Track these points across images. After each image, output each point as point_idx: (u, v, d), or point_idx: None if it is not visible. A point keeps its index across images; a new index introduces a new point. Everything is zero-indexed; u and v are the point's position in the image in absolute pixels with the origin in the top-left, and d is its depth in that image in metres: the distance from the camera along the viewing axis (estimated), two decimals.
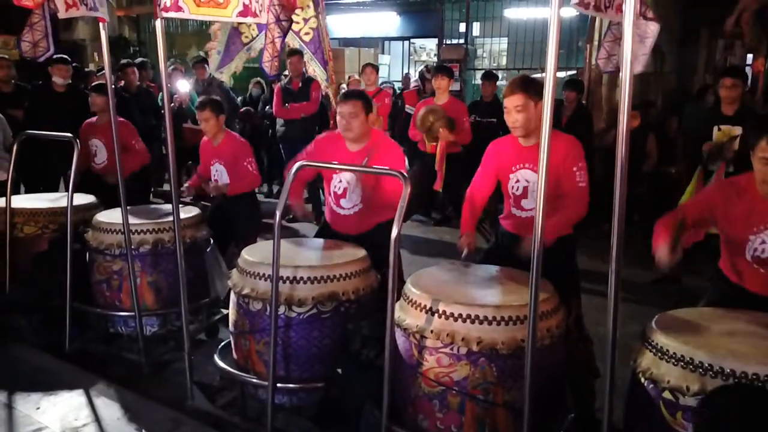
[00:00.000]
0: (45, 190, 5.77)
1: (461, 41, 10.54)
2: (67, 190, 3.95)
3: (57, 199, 4.37)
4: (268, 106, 7.84)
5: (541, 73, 8.63)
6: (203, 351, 3.64)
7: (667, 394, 2.06)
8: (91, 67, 10.46)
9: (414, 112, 6.64)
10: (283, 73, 7.39)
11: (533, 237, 2.07)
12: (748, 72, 8.08)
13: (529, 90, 2.86)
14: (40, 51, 3.62)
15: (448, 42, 10.79)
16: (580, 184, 2.87)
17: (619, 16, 2.69)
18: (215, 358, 3.24)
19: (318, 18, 3.19)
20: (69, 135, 3.87)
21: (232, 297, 3.14)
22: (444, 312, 2.39)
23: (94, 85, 5.42)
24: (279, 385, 2.88)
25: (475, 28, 10.99)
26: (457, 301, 2.40)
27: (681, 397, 2.02)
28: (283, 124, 7.08)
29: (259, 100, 8.43)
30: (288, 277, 2.87)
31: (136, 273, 3.61)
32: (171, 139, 3.03)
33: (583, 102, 7.25)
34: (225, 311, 3.78)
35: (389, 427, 2.47)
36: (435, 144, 6.17)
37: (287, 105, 6.89)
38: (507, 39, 10.82)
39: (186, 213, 3.90)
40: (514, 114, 2.90)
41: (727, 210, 2.65)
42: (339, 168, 3.46)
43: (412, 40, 13.47)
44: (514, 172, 3.03)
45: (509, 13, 10.48)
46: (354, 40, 12.56)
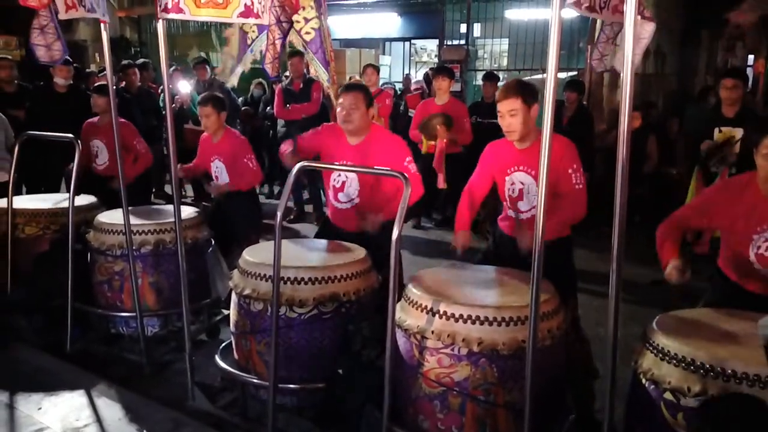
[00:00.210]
0: (46, 191, 5.78)
1: (462, 42, 10.53)
2: (68, 191, 3.96)
3: (58, 200, 4.38)
4: (269, 107, 7.84)
5: (542, 74, 8.64)
6: (204, 351, 3.64)
7: (668, 395, 2.06)
8: (93, 68, 10.45)
9: (414, 114, 6.65)
10: (284, 74, 7.39)
11: (534, 237, 2.07)
12: (749, 73, 8.08)
13: (522, 94, 2.86)
14: (56, 54, 3.62)
15: (449, 43, 10.78)
16: (577, 186, 2.87)
17: (615, 16, 2.69)
18: (216, 358, 3.24)
19: (320, 18, 3.19)
20: (70, 135, 3.88)
21: (233, 297, 3.14)
22: (445, 312, 2.39)
23: (96, 86, 5.42)
24: (280, 385, 2.87)
25: (476, 29, 10.98)
26: (457, 302, 2.41)
27: (682, 398, 2.02)
28: (284, 125, 7.09)
29: (260, 100, 8.43)
30: (289, 278, 2.87)
31: (137, 273, 3.61)
32: (172, 140, 3.04)
33: (584, 103, 7.25)
34: (226, 312, 3.78)
35: (390, 427, 2.47)
36: (433, 144, 6.17)
37: (288, 106, 6.90)
38: (508, 40, 10.81)
39: (187, 214, 3.91)
40: (508, 118, 2.90)
41: (729, 209, 2.65)
42: (340, 169, 3.46)
43: (412, 41, 13.47)
44: (509, 175, 3.03)
45: (510, 14, 10.48)
46: (355, 41, 12.56)
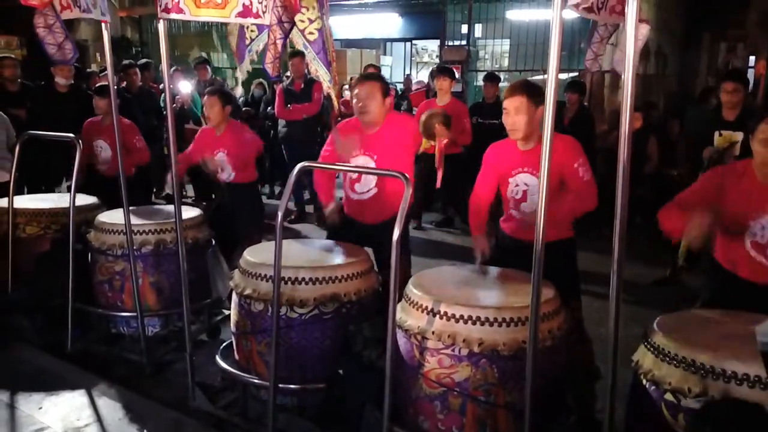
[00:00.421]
0: (47, 190, 5.79)
1: (463, 42, 10.52)
2: (69, 191, 3.96)
3: (59, 200, 4.38)
4: (270, 107, 7.84)
5: (543, 75, 8.63)
6: (205, 352, 3.65)
7: (668, 396, 2.06)
8: (94, 68, 10.46)
9: (416, 113, 6.64)
10: (285, 75, 7.39)
11: (535, 238, 2.07)
12: (750, 74, 8.08)
13: (529, 93, 2.84)
14: (68, 53, 3.61)
15: (450, 43, 10.78)
16: (584, 178, 2.83)
17: (611, 17, 2.71)
18: (217, 358, 3.25)
19: (322, 19, 3.18)
20: (71, 135, 3.88)
21: (234, 298, 3.14)
22: (445, 313, 2.39)
23: (96, 87, 5.43)
24: (280, 385, 2.88)
25: (478, 30, 10.98)
26: (458, 303, 2.40)
27: (682, 399, 2.02)
28: (285, 125, 7.10)
29: (261, 101, 8.43)
30: (290, 278, 2.88)
31: (138, 273, 3.61)
32: (173, 140, 3.05)
33: (585, 104, 7.25)
34: (227, 312, 3.79)
35: (390, 428, 2.47)
36: (433, 144, 6.15)
37: (289, 106, 6.90)
38: (509, 40, 10.80)
39: (188, 214, 3.91)
40: (513, 116, 2.88)
41: (726, 196, 2.65)
42: (341, 169, 3.45)
43: (414, 42, 13.48)
44: (513, 176, 3.00)
45: (511, 15, 10.47)
46: (356, 41, 12.57)
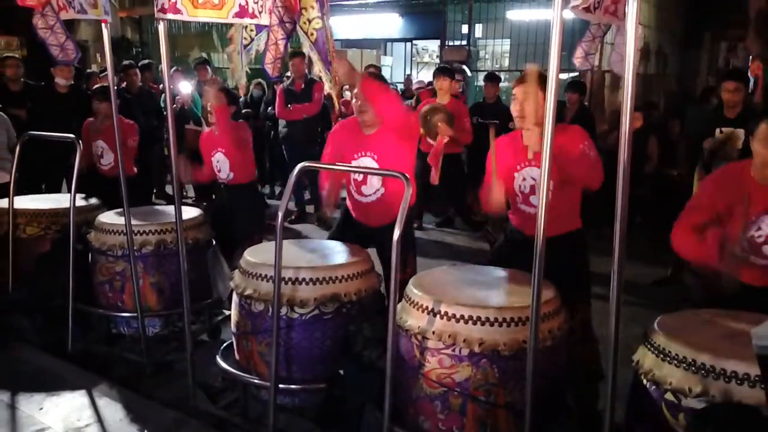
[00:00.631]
0: (47, 190, 5.78)
1: (464, 43, 10.53)
2: (69, 191, 3.96)
3: (59, 200, 4.38)
4: (270, 108, 7.84)
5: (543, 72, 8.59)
6: (205, 352, 3.64)
7: (669, 396, 2.06)
8: (94, 69, 10.46)
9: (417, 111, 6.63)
10: (286, 75, 7.40)
11: (536, 237, 2.07)
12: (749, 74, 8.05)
13: (539, 81, 2.81)
14: (71, 53, 3.62)
15: (451, 43, 10.78)
16: (591, 158, 2.77)
17: (605, 17, 2.72)
18: (217, 358, 3.24)
19: (322, 19, 3.19)
20: (71, 136, 3.88)
21: (235, 298, 3.14)
22: (446, 313, 2.39)
23: (95, 88, 5.42)
24: (281, 385, 2.88)
25: (478, 30, 10.98)
26: (458, 303, 2.40)
27: (683, 399, 2.02)
28: (286, 125, 7.10)
29: (261, 101, 8.44)
30: (290, 278, 2.88)
31: (138, 274, 3.61)
32: (173, 141, 3.04)
33: (586, 103, 7.24)
34: (227, 312, 3.79)
35: (391, 428, 2.47)
36: (432, 142, 6.14)
37: (290, 106, 6.90)
38: (510, 40, 10.80)
39: (188, 214, 3.91)
40: (521, 102, 2.86)
41: (725, 198, 2.65)
42: (343, 170, 3.44)
43: (414, 42, 13.47)
44: (519, 171, 2.98)
45: (512, 15, 10.47)
46: (356, 42, 12.56)
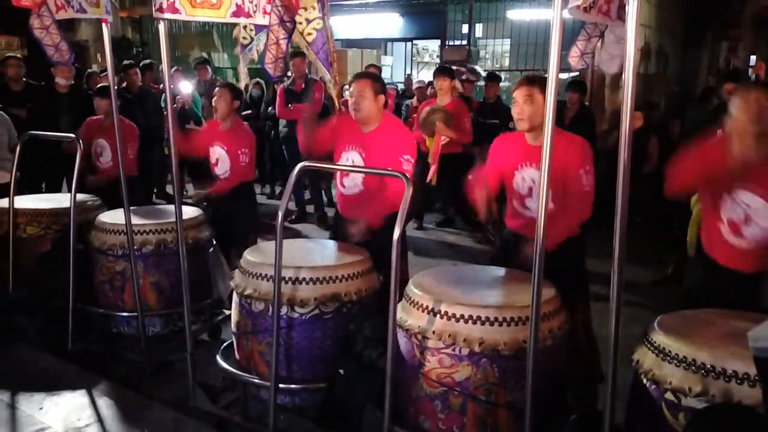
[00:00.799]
0: (47, 190, 5.79)
1: (464, 42, 10.53)
2: (69, 191, 3.96)
3: (60, 200, 4.38)
4: (270, 107, 7.84)
5: (544, 74, 8.60)
6: (205, 351, 3.64)
7: (669, 395, 2.06)
8: (94, 68, 10.46)
9: (417, 112, 6.63)
10: (287, 74, 7.39)
11: (535, 237, 2.07)
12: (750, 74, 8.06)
13: (539, 84, 2.88)
14: (65, 54, 3.62)
15: (451, 43, 10.78)
16: (585, 188, 2.86)
17: (598, 17, 2.75)
18: (217, 358, 3.24)
19: (323, 19, 3.19)
20: (72, 135, 3.88)
21: (235, 297, 3.14)
22: (446, 313, 2.39)
23: (97, 88, 5.43)
24: (281, 385, 2.88)
25: (478, 30, 10.99)
26: (459, 302, 2.40)
27: (683, 398, 2.02)
28: (286, 125, 7.09)
29: (261, 101, 8.43)
30: (290, 278, 2.88)
31: (138, 273, 3.61)
32: (173, 140, 3.04)
33: (586, 103, 7.24)
34: (227, 312, 3.79)
35: (391, 427, 2.47)
36: (433, 140, 6.14)
37: (290, 106, 6.90)
38: (510, 40, 10.82)
39: (188, 214, 3.91)
40: (521, 104, 2.90)
41: (703, 170, 2.66)
42: (340, 168, 3.45)
43: (414, 42, 13.48)
44: (519, 170, 3.00)
45: (512, 15, 10.48)
46: (357, 42, 12.56)
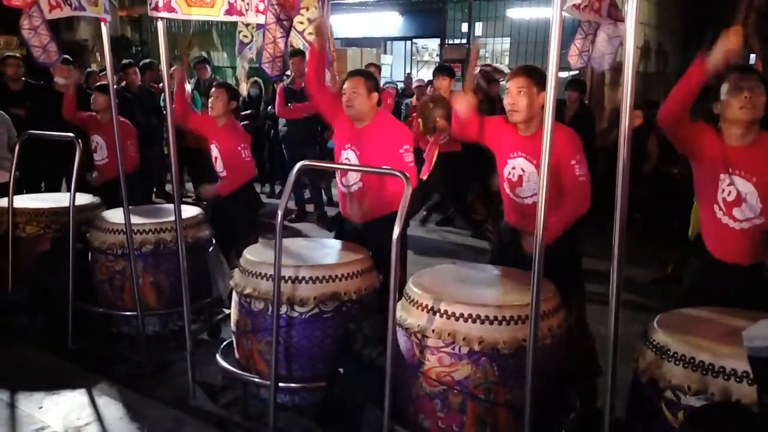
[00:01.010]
0: (46, 189, 5.78)
1: (464, 41, 10.53)
2: (68, 190, 3.95)
3: (59, 199, 4.37)
4: (270, 106, 7.84)
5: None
6: (205, 350, 3.64)
7: (668, 394, 2.06)
8: (94, 68, 10.45)
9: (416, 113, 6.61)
10: (286, 73, 7.39)
11: (534, 235, 2.06)
12: None
13: (533, 75, 2.83)
14: (53, 56, 3.59)
15: (451, 42, 10.78)
16: (579, 177, 2.81)
17: (590, 15, 2.78)
18: (217, 357, 3.24)
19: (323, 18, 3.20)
20: (71, 135, 3.88)
21: (234, 297, 3.14)
22: (445, 311, 2.39)
23: (98, 85, 5.43)
24: (281, 384, 2.88)
25: (478, 28, 10.98)
26: (458, 301, 2.40)
27: (682, 397, 2.02)
28: (286, 124, 7.09)
29: (259, 100, 8.43)
30: (290, 277, 2.88)
31: (138, 273, 3.61)
32: (173, 140, 3.05)
33: (586, 102, 7.24)
34: (227, 311, 3.79)
35: (391, 426, 2.47)
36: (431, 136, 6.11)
37: (290, 105, 6.89)
38: (509, 39, 10.81)
39: (188, 213, 3.91)
40: (515, 96, 2.84)
41: (699, 149, 2.64)
42: (339, 168, 3.45)
43: (414, 40, 13.47)
44: (511, 158, 2.97)
45: (512, 13, 10.47)
46: (356, 40, 12.56)
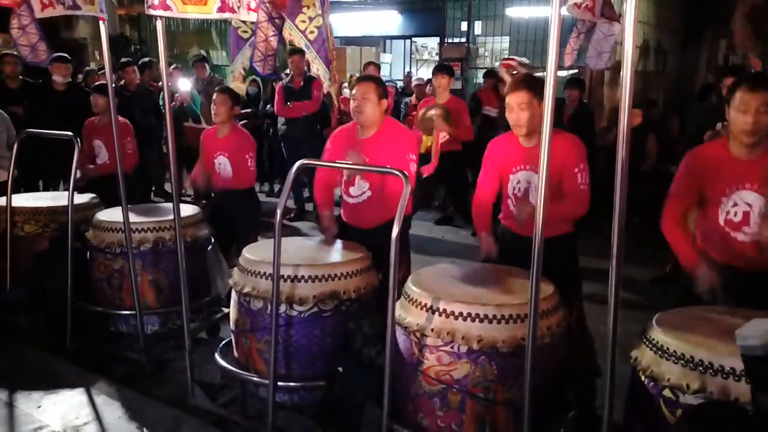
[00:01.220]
0: (45, 188, 5.78)
1: (463, 40, 10.53)
2: (66, 189, 3.95)
3: (57, 198, 4.37)
4: (269, 105, 7.84)
5: (542, 72, 8.60)
6: (204, 349, 3.64)
7: (667, 392, 2.06)
8: (92, 66, 10.45)
9: (416, 110, 6.63)
10: (284, 72, 7.38)
11: (533, 235, 2.06)
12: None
13: (533, 88, 2.84)
14: (41, 55, 3.57)
15: (450, 41, 10.78)
16: (581, 186, 2.86)
17: (584, 13, 2.83)
18: (216, 356, 3.24)
19: (323, 17, 3.18)
20: (69, 133, 3.87)
21: (233, 295, 3.14)
22: (444, 310, 2.39)
23: (96, 85, 5.42)
24: (280, 383, 2.88)
25: (477, 27, 10.97)
26: (457, 300, 2.40)
27: (681, 395, 2.02)
28: (285, 123, 7.09)
29: (258, 98, 8.43)
30: (289, 276, 2.88)
31: (136, 271, 3.60)
32: (172, 138, 3.04)
33: (585, 101, 7.24)
34: (226, 310, 3.78)
35: (390, 425, 2.48)
36: (431, 138, 6.14)
37: (289, 104, 6.89)
38: (509, 38, 10.80)
39: (187, 211, 3.90)
40: (518, 111, 2.88)
41: (702, 177, 2.66)
42: (339, 167, 3.44)
43: (413, 39, 13.46)
44: (515, 173, 3.00)
45: (511, 12, 10.45)
46: (355, 39, 12.56)
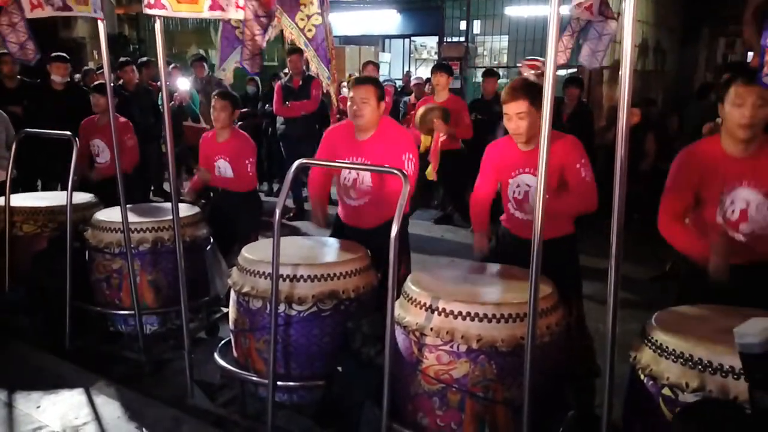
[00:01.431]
0: (43, 188, 5.77)
1: (462, 39, 10.54)
2: (65, 189, 3.94)
3: (56, 198, 4.36)
4: (268, 105, 7.84)
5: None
6: (203, 349, 3.64)
7: (666, 391, 2.07)
8: (91, 66, 10.44)
9: (415, 109, 6.63)
10: (283, 71, 7.38)
11: (533, 236, 2.06)
12: None
13: (530, 96, 2.79)
14: (30, 54, 3.54)
15: (449, 40, 10.79)
16: (586, 179, 2.83)
17: (584, 13, 2.83)
18: (215, 356, 3.24)
19: (322, 15, 3.18)
20: (68, 133, 3.87)
21: (232, 295, 3.14)
22: (444, 310, 2.39)
23: (95, 84, 5.41)
24: (279, 383, 2.88)
25: (476, 26, 10.99)
26: (457, 299, 2.40)
27: (680, 394, 2.02)
28: (284, 122, 7.09)
29: (256, 98, 8.42)
30: (288, 275, 2.87)
31: (135, 271, 3.60)
32: (170, 138, 3.04)
33: (584, 100, 7.24)
34: (225, 309, 3.78)
35: (389, 424, 2.47)
36: (430, 138, 6.15)
37: (288, 103, 6.89)
38: (508, 37, 10.81)
39: (186, 211, 3.90)
40: (516, 120, 2.85)
41: (697, 175, 2.62)
42: (339, 166, 3.45)
43: (412, 38, 13.48)
44: (514, 177, 2.99)
45: (510, 11, 10.47)
46: (354, 38, 12.58)
